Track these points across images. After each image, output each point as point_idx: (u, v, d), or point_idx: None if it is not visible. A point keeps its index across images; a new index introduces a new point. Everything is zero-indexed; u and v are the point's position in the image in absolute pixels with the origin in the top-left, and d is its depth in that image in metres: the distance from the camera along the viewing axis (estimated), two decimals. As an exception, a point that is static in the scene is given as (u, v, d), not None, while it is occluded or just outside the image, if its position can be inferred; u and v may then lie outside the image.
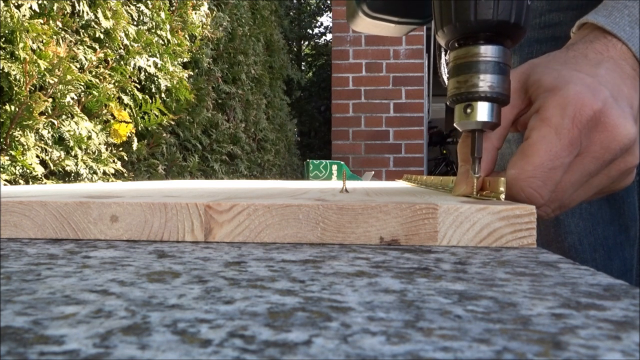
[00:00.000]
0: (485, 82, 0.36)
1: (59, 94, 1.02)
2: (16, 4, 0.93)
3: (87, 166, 1.11)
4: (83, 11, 1.13)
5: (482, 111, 0.37)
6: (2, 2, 0.89)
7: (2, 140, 0.91)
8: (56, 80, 1.00)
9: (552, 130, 0.36)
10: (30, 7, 0.96)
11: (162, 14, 1.48)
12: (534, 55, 0.64)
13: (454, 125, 0.39)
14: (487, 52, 0.36)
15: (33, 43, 0.95)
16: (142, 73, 1.39)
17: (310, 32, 5.77)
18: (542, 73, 0.39)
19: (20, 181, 0.95)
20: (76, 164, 1.08)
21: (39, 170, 0.96)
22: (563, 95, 0.37)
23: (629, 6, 0.39)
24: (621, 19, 0.39)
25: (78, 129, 1.07)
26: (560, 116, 0.36)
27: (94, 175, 1.14)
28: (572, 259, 0.25)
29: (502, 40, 0.37)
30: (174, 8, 1.61)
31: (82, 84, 1.09)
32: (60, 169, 1.05)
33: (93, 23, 1.18)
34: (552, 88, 0.38)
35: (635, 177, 0.41)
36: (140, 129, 1.39)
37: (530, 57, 0.44)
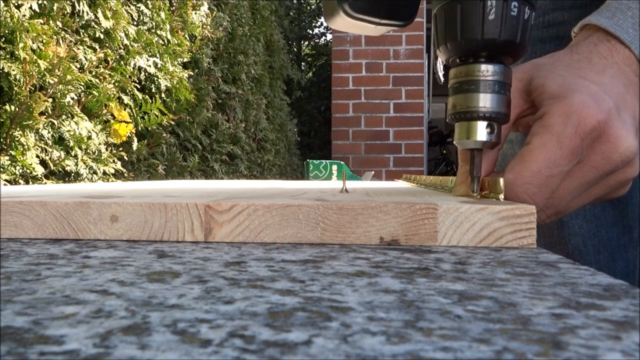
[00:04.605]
0: (485, 101, 0.36)
1: (59, 94, 1.02)
2: (16, 4, 0.93)
3: (87, 166, 1.11)
4: (83, 11, 1.13)
5: (482, 131, 0.37)
6: (2, 2, 0.89)
7: (2, 140, 0.91)
8: (56, 80, 1.00)
9: (554, 137, 0.36)
10: (30, 7, 0.96)
11: (162, 14, 1.48)
12: (538, 54, 0.64)
13: (454, 143, 0.40)
14: (489, 70, 0.36)
15: (33, 43, 0.95)
16: (142, 73, 1.39)
17: (310, 32, 5.76)
18: (545, 78, 0.39)
19: (20, 181, 0.95)
20: (76, 164, 1.08)
21: (39, 170, 0.96)
22: (568, 103, 0.37)
23: (632, 7, 0.39)
24: (624, 20, 0.39)
25: (78, 129, 1.07)
26: (563, 124, 0.36)
27: (94, 175, 1.14)
28: (576, 261, 0.25)
29: (504, 58, 0.37)
30: (174, 8, 1.61)
31: (82, 84, 1.09)
32: (60, 169, 1.05)
33: (93, 23, 1.18)
34: (556, 95, 0.38)
35: (636, 179, 0.41)
36: (140, 129, 1.39)
37: (534, 57, 0.44)
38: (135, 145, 1.33)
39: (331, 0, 0.40)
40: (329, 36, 5.39)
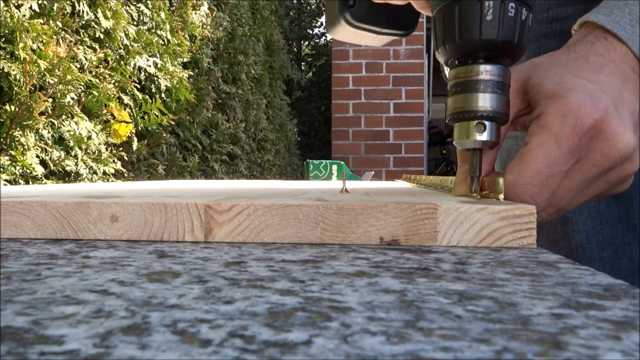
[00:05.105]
0: (484, 101, 0.37)
1: (59, 94, 1.02)
2: (16, 4, 0.93)
3: (87, 166, 1.11)
4: (83, 11, 1.13)
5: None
6: (2, 2, 0.89)
7: (2, 140, 0.91)
8: (56, 80, 0.99)
9: (552, 137, 0.36)
10: (30, 7, 0.96)
11: (162, 14, 1.48)
12: (542, 50, 0.64)
13: (453, 143, 0.40)
14: (487, 71, 0.37)
15: (33, 43, 0.95)
16: (142, 73, 1.39)
17: (310, 32, 5.76)
18: (542, 77, 0.39)
19: (20, 181, 0.95)
20: (76, 164, 1.08)
21: (39, 170, 0.96)
22: (564, 102, 0.37)
23: (630, 4, 0.39)
24: (622, 17, 0.39)
25: (78, 129, 1.07)
26: (560, 124, 0.36)
27: (94, 175, 1.14)
28: (580, 257, 0.25)
29: (502, 59, 0.37)
30: (174, 8, 1.61)
31: (82, 84, 1.09)
32: (60, 169, 1.05)
33: (93, 23, 1.18)
34: (553, 94, 0.38)
35: (639, 175, 0.41)
36: (140, 129, 1.39)
37: (538, 52, 0.44)
38: (135, 145, 1.33)
39: (333, 10, 0.40)
40: (329, 36, 5.38)
